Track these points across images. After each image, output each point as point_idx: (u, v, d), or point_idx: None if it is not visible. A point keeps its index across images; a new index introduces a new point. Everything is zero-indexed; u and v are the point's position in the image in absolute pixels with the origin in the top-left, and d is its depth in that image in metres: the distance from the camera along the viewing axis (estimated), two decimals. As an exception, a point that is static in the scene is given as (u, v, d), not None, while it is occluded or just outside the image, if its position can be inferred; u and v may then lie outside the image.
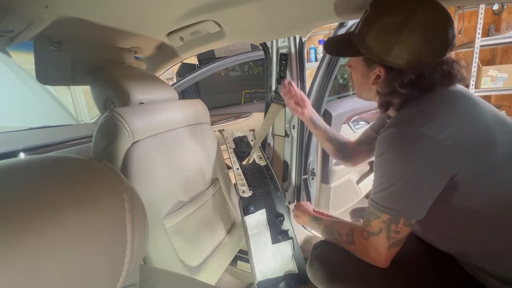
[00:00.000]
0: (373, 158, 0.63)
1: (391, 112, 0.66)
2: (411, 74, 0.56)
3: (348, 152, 0.96)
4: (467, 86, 2.39)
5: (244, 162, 1.16)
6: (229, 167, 1.17)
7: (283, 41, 1.09)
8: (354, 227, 0.67)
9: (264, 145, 1.31)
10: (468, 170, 0.52)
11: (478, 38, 2.24)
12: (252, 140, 1.24)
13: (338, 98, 1.52)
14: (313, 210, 0.93)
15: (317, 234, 1.22)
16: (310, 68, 2.73)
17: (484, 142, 0.53)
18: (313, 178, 1.35)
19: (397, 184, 0.54)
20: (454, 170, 0.52)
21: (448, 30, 0.54)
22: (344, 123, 1.45)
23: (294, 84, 0.98)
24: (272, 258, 0.98)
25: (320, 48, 3.13)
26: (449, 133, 0.51)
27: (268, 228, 1.03)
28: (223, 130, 1.25)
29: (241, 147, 1.21)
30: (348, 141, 0.97)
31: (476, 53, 2.28)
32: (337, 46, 0.70)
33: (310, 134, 1.28)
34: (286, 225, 1.05)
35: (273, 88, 1.18)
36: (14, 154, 0.89)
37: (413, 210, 0.56)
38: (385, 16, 0.55)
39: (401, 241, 0.59)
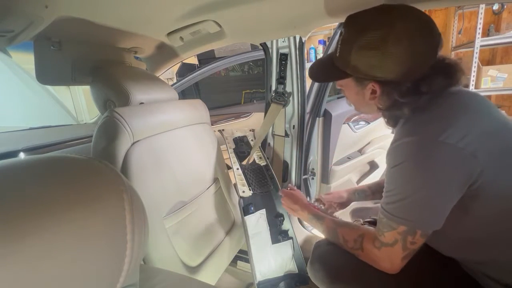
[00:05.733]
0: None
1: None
2: (407, 83, 0.55)
3: None
4: (466, 86, 2.39)
5: (244, 162, 1.16)
6: (229, 167, 1.17)
7: (283, 41, 1.09)
8: (364, 234, 0.64)
9: (264, 145, 1.31)
10: (488, 176, 0.50)
11: (478, 38, 2.24)
12: (252, 140, 1.24)
13: (338, 98, 1.52)
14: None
15: (317, 234, 1.22)
16: (310, 68, 2.72)
17: (505, 146, 0.51)
18: (313, 178, 1.35)
19: (416, 195, 0.52)
20: (474, 177, 0.50)
21: (432, 31, 0.53)
22: (344, 123, 1.45)
23: (320, 198, 0.97)
24: (272, 258, 0.98)
25: (320, 48, 3.13)
26: (469, 139, 0.49)
27: (268, 228, 1.03)
28: (223, 130, 1.25)
29: (241, 147, 1.20)
30: None
31: (476, 53, 2.28)
32: (322, 72, 0.68)
33: (310, 134, 1.28)
34: (286, 225, 1.05)
35: (273, 88, 1.18)
36: (14, 154, 0.89)
37: (432, 221, 0.54)
38: (364, 35, 0.53)
39: (415, 251, 0.57)
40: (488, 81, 2.36)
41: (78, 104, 2.55)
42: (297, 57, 1.10)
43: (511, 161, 0.51)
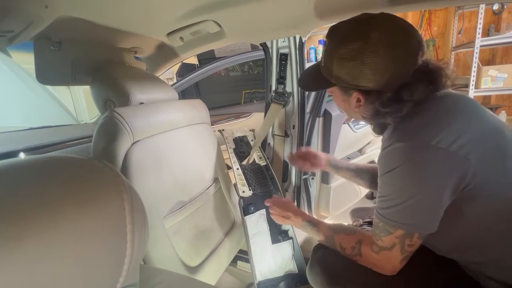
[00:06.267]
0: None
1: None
2: (388, 92, 0.55)
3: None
4: (466, 86, 2.39)
5: (244, 162, 1.16)
6: (229, 167, 1.17)
7: (283, 41, 1.09)
8: (361, 240, 0.65)
9: (264, 145, 1.31)
10: (482, 178, 0.50)
11: (478, 38, 2.24)
12: (252, 140, 1.24)
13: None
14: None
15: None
16: (310, 68, 2.71)
17: (497, 147, 0.51)
18: (313, 178, 1.35)
19: (411, 199, 0.53)
20: (467, 180, 0.51)
21: (410, 38, 0.53)
22: (344, 123, 1.45)
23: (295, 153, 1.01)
24: (272, 258, 0.98)
25: (320, 48, 3.13)
26: (461, 142, 0.49)
27: (268, 228, 1.03)
28: (223, 130, 1.25)
29: (241, 147, 1.21)
30: (374, 167, 0.91)
31: (476, 53, 2.28)
32: (311, 81, 0.70)
33: (310, 134, 1.28)
34: (286, 225, 1.05)
35: (273, 88, 1.18)
36: (14, 154, 0.89)
37: (429, 224, 0.55)
38: (343, 46, 0.55)
39: (413, 252, 0.58)
40: (488, 81, 2.36)
41: (78, 104, 2.55)
42: (297, 57, 1.10)
43: (503, 163, 0.52)
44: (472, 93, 2.36)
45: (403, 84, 0.55)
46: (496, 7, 2.44)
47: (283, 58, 1.11)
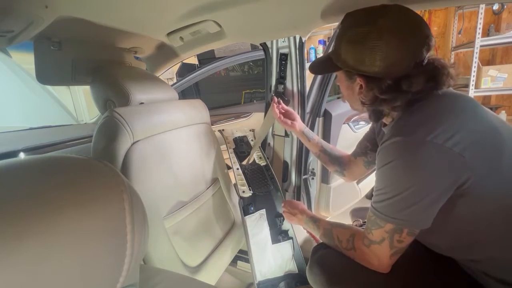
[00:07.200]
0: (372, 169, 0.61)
1: (386, 120, 0.66)
2: (388, 80, 0.56)
3: (345, 165, 0.95)
4: (466, 86, 2.39)
5: (244, 162, 1.16)
6: (229, 167, 1.17)
7: (283, 41, 1.09)
8: (355, 233, 0.67)
9: (264, 145, 1.31)
10: (477, 176, 0.50)
11: (478, 38, 2.24)
12: (252, 140, 1.24)
13: (338, 98, 1.52)
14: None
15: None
16: (310, 68, 2.71)
17: (493, 145, 0.52)
18: (313, 178, 1.35)
19: (403, 194, 0.53)
20: (463, 177, 0.51)
21: (418, 31, 0.54)
22: (344, 123, 1.45)
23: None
24: (272, 258, 0.98)
25: (320, 48, 3.13)
26: (457, 139, 0.50)
27: (268, 228, 1.03)
28: (223, 130, 1.25)
29: (241, 147, 1.21)
30: (344, 154, 0.97)
31: (476, 53, 2.28)
32: (320, 66, 0.73)
33: (310, 134, 1.27)
34: (286, 225, 1.05)
35: (273, 88, 1.18)
36: (14, 154, 0.89)
37: (419, 220, 0.55)
38: (351, 29, 0.58)
39: (404, 249, 0.58)
40: (488, 81, 2.36)
41: (78, 104, 2.55)
42: (297, 57, 1.10)
43: (499, 162, 0.52)
44: (472, 93, 2.36)
45: (404, 75, 0.56)
46: (496, 7, 2.44)
47: (283, 58, 1.11)
